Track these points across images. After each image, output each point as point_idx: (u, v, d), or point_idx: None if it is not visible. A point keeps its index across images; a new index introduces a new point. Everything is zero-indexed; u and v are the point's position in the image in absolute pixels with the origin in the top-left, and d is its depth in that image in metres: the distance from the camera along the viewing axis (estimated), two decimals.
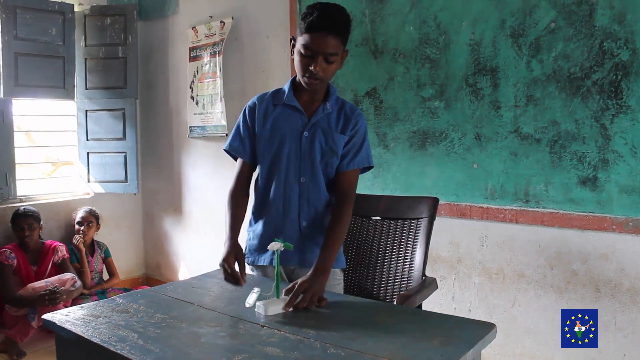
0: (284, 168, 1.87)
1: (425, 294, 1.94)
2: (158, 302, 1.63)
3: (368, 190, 3.06)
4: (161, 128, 4.64)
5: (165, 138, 4.60)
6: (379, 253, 2.14)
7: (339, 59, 1.78)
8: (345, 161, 1.88)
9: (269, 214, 1.90)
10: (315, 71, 1.73)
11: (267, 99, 1.92)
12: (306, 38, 1.71)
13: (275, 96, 1.92)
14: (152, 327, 1.41)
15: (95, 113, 4.44)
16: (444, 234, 2.90)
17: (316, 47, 1.71)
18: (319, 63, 1.73)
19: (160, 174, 4.68)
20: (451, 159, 2.84)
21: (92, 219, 4.23)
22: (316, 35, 1.70)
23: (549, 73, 2.51)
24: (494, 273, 2.76)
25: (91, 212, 4.25)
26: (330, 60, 1.74)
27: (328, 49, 1.71)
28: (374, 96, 3.12)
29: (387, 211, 2.18)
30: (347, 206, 1.86)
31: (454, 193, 2.83)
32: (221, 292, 1.74)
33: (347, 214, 1.85)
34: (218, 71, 3.97)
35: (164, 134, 4.61)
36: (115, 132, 4.45)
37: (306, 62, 1.75)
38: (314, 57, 1.72)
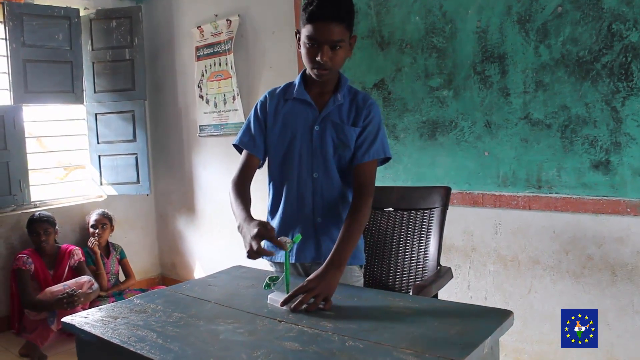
0: (296, 164, 1.85)
1: (441, 283, 1.94)
2: (175, 301, 1.64)
3: (380, 182, 3.02)
4: (171, 128, 4.66)
5: (176, 138, 4.62)
6: (393, 244, 2.14)
7: (346, 45, 1.75)
8: (360, 153, 1.84)
9: (284, 211, 1.89)
10: (323, 61, 1.71)
11: (278, 94, 1.91)
12: (309, 29, 1.69)
13: (286, 91, 1.91)
14: (170, 326, 1.42)
15: (105, 116, 4.47)
16: (458, 223, 2.90)
17: (320, 36, 1.68)
18: (325, 52, 1.70)
19: (172, 174, 4.70)
20: (462, 148, 2.83)
21: (106, 221, 4.26)
22: (319, 24, 1.67)
23: (557, 58, 2.49)
24: (509, 260, 2.75)
25: (104, 214, 4.28)
26: (336, 47, 1.71)
27: (333, 36, 1.69)
28: (382, 88, 3.11)
29: (399, 202, 2.18)
30: (364, 199, 1.79)
31: (466, 182, 2.83)
32: (237, 289, 1.74)
33: (364, 207, 1.78)
34: (230, 69, 3.98)
35: (174, 134, 4.63)
36: (125, 134, 4.48)
37: (312, 53, 1.72)
38: (320, 47, 1.70)
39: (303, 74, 1.89)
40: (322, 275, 1.59)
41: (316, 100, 1.87)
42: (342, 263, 1.65)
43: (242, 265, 2.04)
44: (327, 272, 1.60)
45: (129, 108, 4.45)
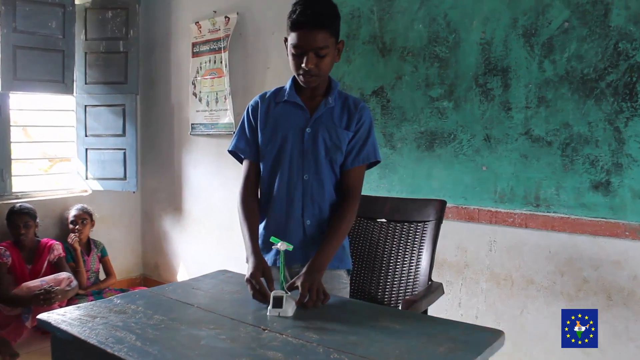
0: (286, 166, 1.88)
1: (431, 299, 1.94)
2: (157, 303, 1.64)
3: (374, 191, 3.06)
4: (162, 125, 4.65)
5: (166, 135, 4.61)
6: (384, 256, 2.14)
7: (332, 51, 1.78)
8: (350, 158, 1.89)
9: (272, 213, 1.91)
10: (308, 68, 1.75)
11: (269, 98, 1.94)
12: (293, 37, 1.73)
13: (277, 94, 1.94)
14: (150, 328, 1.41)
15: (94, 109, 4.46)
16: (451, 238, 2.90)
17: (303, 43, 1.72)
18: (311, 59, 1.74)
19: (160, 172, 4.69)
20: (459, 161, 2.83)
21: (86, 217, 4.23)
22: (302, 32, 1.71)
23: (561, 74, 2.50)
24: (502, 279, 2.75)
25: (84, 209, 4.25)
26: (321, 54, 1.74)
27: (316, 43, 1.72)
28: (381, 95, 3.12)
29: (392, 213, 2.18)
30: (351, 203, 1.87)
31: (462, 196, 2.83)
32: (221, 294, 1.74)
33: (350, 211, 1.86)
34: (224, 68, 3.98)
35: (165, 131, 4.62)
36: (114, 129, 4.46)
37: (298, 61, 1.77)
38: (305, 54, 1.74)
39: (294, 78, 1.92)
40: (306, 276, 1.67)
41: (307, 104, 1.90)
42: (322, 267, 1.73)
43: (227, 270, 2.03)
44: (309, 274, 1.67)
45: (120, 102, 4.44)
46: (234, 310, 1.57)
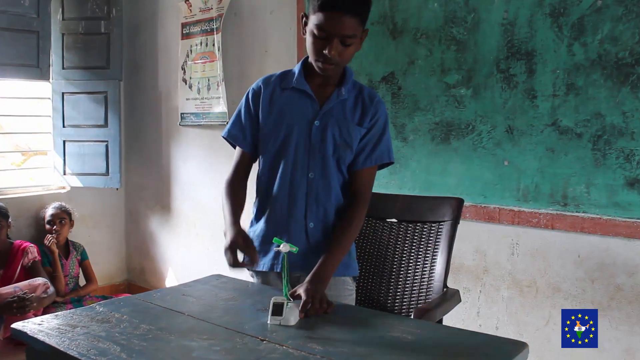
0: (290, 161, 1.87)
1: (447, 307, 1.94)
2: (143, 311, 1.64)
3: (383, 188, 3.07)
4: (148, 114, 4.66)
5: (153, 126, 4.62)
6: (394, 260, 2.15)
7: (358, 41, 1.77)
8: (361, 158, 1.89)
9: (272, 213, 1.91)
10: (331, 55, 1.73)
11: (274, 82, 1.93)
12: (320, 17, 1.70)
13: (284, 79, 1.93)
14: (136, 339, 1.42)
15: (73, 96, 4.46)
16: (469, 240, 2.91)
17: (331, 28, 1.69)
18: (335, 46, 1.72)
19: (147, 167, 4.70)
20: (478, 155, 2.84)
21: (64, 216, 4.24)
22: (331, 14, 1.68)
23: (593, 58, 2.50)
24: (526, 286, 2.76)
25: (62, 208, 4.26)
26: (347, 42, 1.73)
27: (345, 30, 1.70)
28: (391, 82, 3.12)
29: (404, 213, 2.19)
30: (359, 208, 1.88)
31: (481, 194, 2.84)
32: (215, 301, 1.75)
33: (358, 217, 1.87)
34: (216, 51, 3.98)
35: (152, 122, 4.63)
36: (95, 119, 4.47)
37: (320, 45, 1.74)
38: (329, 40, 1.72)
39: (304, 62, 1.91)
40: (309, 285, 1.68)
41: (317, 93, 1.89)
42: (326, 277, 1.74)
43: (221, 275, 2.04)
44: (311, 284, 1.68)
45: (102, 89, 4.45)
46: (229, 319, 1.57)
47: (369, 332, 1.50)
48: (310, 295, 1.62)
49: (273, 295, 1.66)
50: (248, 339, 1.43)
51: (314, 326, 1.53)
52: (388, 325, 1.55)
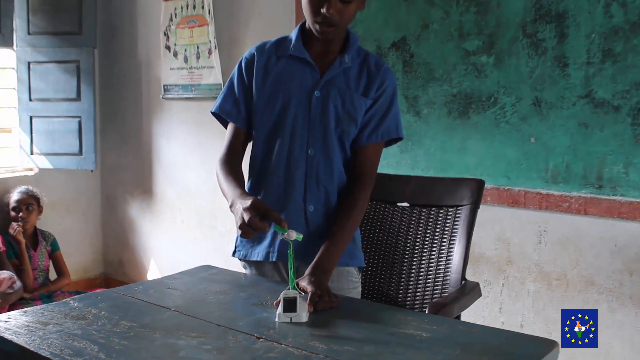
0: (287, 137, 1.88)
1: (465, 302, 1.95)
2: (124, 307, 1.64)
3: (393, 169, 3.07)
4: (127, 86, 4.65)
5: (132, 99, 4.61)
6: (406, 249, 2.15)
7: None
8: (366, 133, 1.90)
9: (267, 195, 1.91)
10: (329, 14, 1.73)
11: (269, 50, 1.93)
12: None
13: (279, 46, 1.93)
14: (116, 337, 1.43)
15: (40, 66, 4.45)
16: (491, 227, 2.91)
17: None
18: (334, 4, 1.73)
19: (125, 146, 4.70)
20: (501, 131, 2.84)
21: (32, 202, 4.23)
22: None
23: (633, 20, 2.49)
24: (555, 279, 2.77)
25: (29, 192, 4.25)
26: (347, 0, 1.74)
27: None
28: (402, 49, 3.11)
29: (417, 196, 2.19)
30: (363, 189, 1.89)
31: (505, 174, 2.84)
32: (205, 295, 1.75)
33: (362, 198, 1.88)
34: (207, 14, 3.97)
35: (131, 94, 4.62)
36: (67, 91, 4.46)
37: (317, 4, 1.75)
38: None
39: (302, 27, 1.92)
40: (311, 277, 1.68)
41: (317, 61, 1.89)
42: (329, 268, 1.76)
43: (211, 266, 2.05)
44: (314, 275, 1.69)
45: (73, 57, 4.43)
46: (221, 315, 1.58)
47: (378, 328, 1.50)
48: (317, 287, 1.62)
49: (269, 287, 1.67)
50: (242, 337, 1.43)
51: (316, 322, 1.53)
52: (399, 321, 1.56)
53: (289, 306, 1.54)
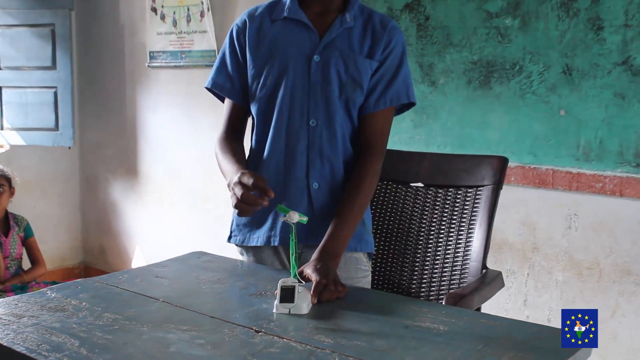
0: (285, 107, 1.88)
1: (486, 293, 1.95)
2: (107, 297, 1.65)
3: (406, 145, 3.06)
4: (107, 53, 4.64)
5: (114, 68, 4.61)
6: (420, 235, 2.15)
7: None
8: (373, 99, 1.90)
9: (266, 173, 1.90)
10: None
11: (261, 14, 1.94)
12: None
13: (273, 9, 1.94)
14: (99, 330, 1.43)
15: (10, 30, 4.44)
16: (515, 210, 2.91)
17: None
18: None
19: (107, 120, 4.70)
20: (527, 103, 2.83)
21: (3, 182, 4.23)
22: None
23: None
24: (586, 268, 2.77)
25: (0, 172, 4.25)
26: None
27: None
28: (416, 11, 3.10)
29: (432, 176, 2.19)
30: (373, 162, 1.89)
31: (531, 151, 2.83)
32: (197, 284, 1.75)
33: (372, 172, 1.88)
34: None
35: (112, 62, 4.61)
36: (40, 59, 4.45)
37: None
38: None
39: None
40: (317, 263, 1.68)
41: (315, 22, 1.89)
42: (338, 252, 1.76)
43: (204, 252, 2.05)
44: (321, 261, 1.68)
45: (48, 20, 4.42)
46: (215, 306, 1.58)
47: (390, 321, 1.50)
48: (323, 275, 1.63)
49: (268, 276, 1.67)
50: (239, 330, 1.43)
51: (321, 314, 1.53)
52: (414, 313, 1.56)
53: (286, 296, 1.54)
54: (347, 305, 1.60)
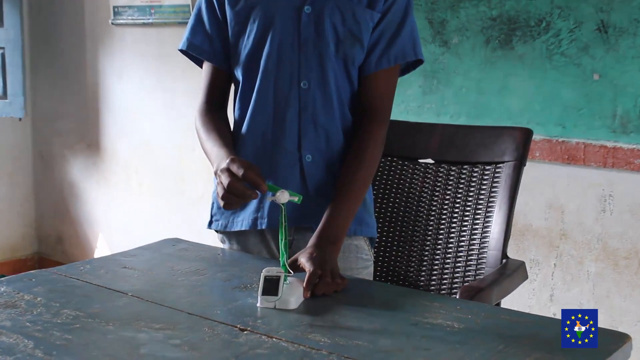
0: (272, 68, 1.87)
1: (507, 286, 1.96)
2: (67, 291, 1.64)
3: (414, 115, 3.06)
4: (64, 8, 4.62)
5: (72, 26, 4.59)
6: (430, 219, 2.16)
7: None
8: (374, 56, 1.89)
9: (249, 145, 1.91)
10: None
11: None
12: None
13: None
14: (57, 330, 1.42)
15: None
16: (540, 191, 2.92)
17: None
18: None
19: (64, 87, 4.68)
20: (555, 65, 2.82)
21: None
22: None
23: None
24: (623, 257, 2.78)
25: None
26: None
27: None
28: None
29: (444, 150, 2.20)
30: (376, 129, 1.89)
31: (559, 122, 2.83)
32: (172, 276, 1.75)
33: (375, 142, 1.88)
34: None
35: (70, 19, 4.60)
36: None
37: None
38: None
39: None
40: (316, 250, 1.67)
41: None
42: (338, 237, 1.76)
43: (180, 239, 2.05)
44: (319, 248, 1.68)
45: None
46: (193, 301, 1.58)
47: (397, 317, 1.51)
48: (319, 265, 1.62)
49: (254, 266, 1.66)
50: (221, 329, 1.43)
51: (316, 310, 1.53)
52: (424, 309, 1.56)
53: (270, 288, 1.53)
54: (346, 300, 1.60)
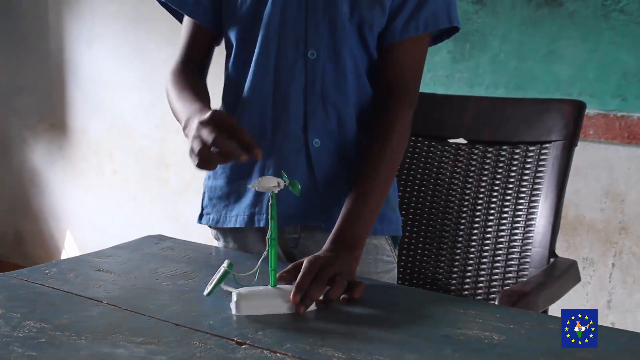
0: (273, 33, 1.87)
1: (557, 290, 1.96)
2: (29, 299, 1.65)
3: (443, 86, 3.07)
4: None
5: None
6: (463, 211, 2.17)
7: None
8: (399, 22, 1.87)
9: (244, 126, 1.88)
10: None
11: None
12: None
13: None
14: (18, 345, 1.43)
15: None
16: (594, 176, 2.91)
17: None
18: None
19: (21, 54, 4.70)
20: (611, 25, 2.82)
21: None
22: None
23: None
24: None
25: None
26: None
27: None
28: None
29: (479, 129, 2.21)
30: (401, 111, 1.88)
31: (617, 94, 2.83)
32: (155, 280, 1.76)
33: (401, 126, 1.87)
34: None
35: None
36: None
37: None
38: None
39: None
40: (328, 255, 1.63)
41: None
42: (358, 243, 1.72)
43: (164, 236, 2.07)
44: (334, 253, 1.65)
45: None
46: (181, 309, 1.59)
47: (425, 328, 1.51)
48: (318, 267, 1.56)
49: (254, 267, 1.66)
50: (215, 342, 1.43)
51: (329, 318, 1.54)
52: (456, 317, 1.57)
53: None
54: (365, 308, 1.61)
